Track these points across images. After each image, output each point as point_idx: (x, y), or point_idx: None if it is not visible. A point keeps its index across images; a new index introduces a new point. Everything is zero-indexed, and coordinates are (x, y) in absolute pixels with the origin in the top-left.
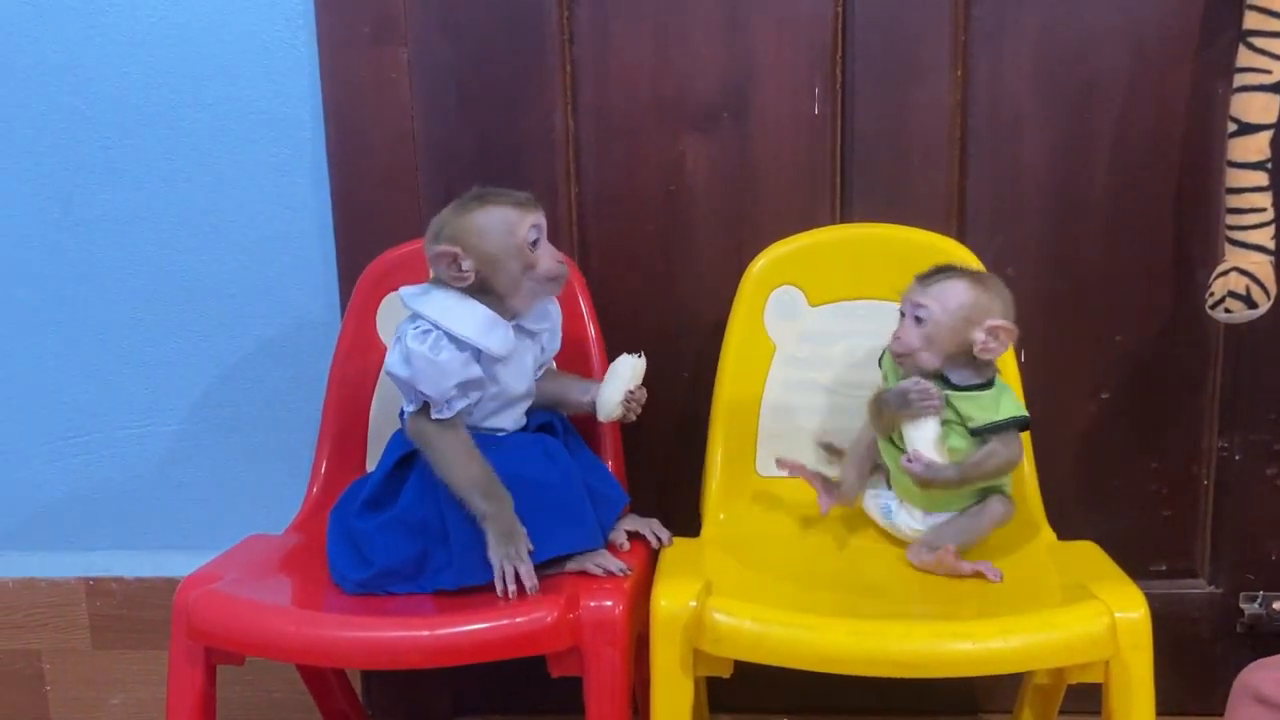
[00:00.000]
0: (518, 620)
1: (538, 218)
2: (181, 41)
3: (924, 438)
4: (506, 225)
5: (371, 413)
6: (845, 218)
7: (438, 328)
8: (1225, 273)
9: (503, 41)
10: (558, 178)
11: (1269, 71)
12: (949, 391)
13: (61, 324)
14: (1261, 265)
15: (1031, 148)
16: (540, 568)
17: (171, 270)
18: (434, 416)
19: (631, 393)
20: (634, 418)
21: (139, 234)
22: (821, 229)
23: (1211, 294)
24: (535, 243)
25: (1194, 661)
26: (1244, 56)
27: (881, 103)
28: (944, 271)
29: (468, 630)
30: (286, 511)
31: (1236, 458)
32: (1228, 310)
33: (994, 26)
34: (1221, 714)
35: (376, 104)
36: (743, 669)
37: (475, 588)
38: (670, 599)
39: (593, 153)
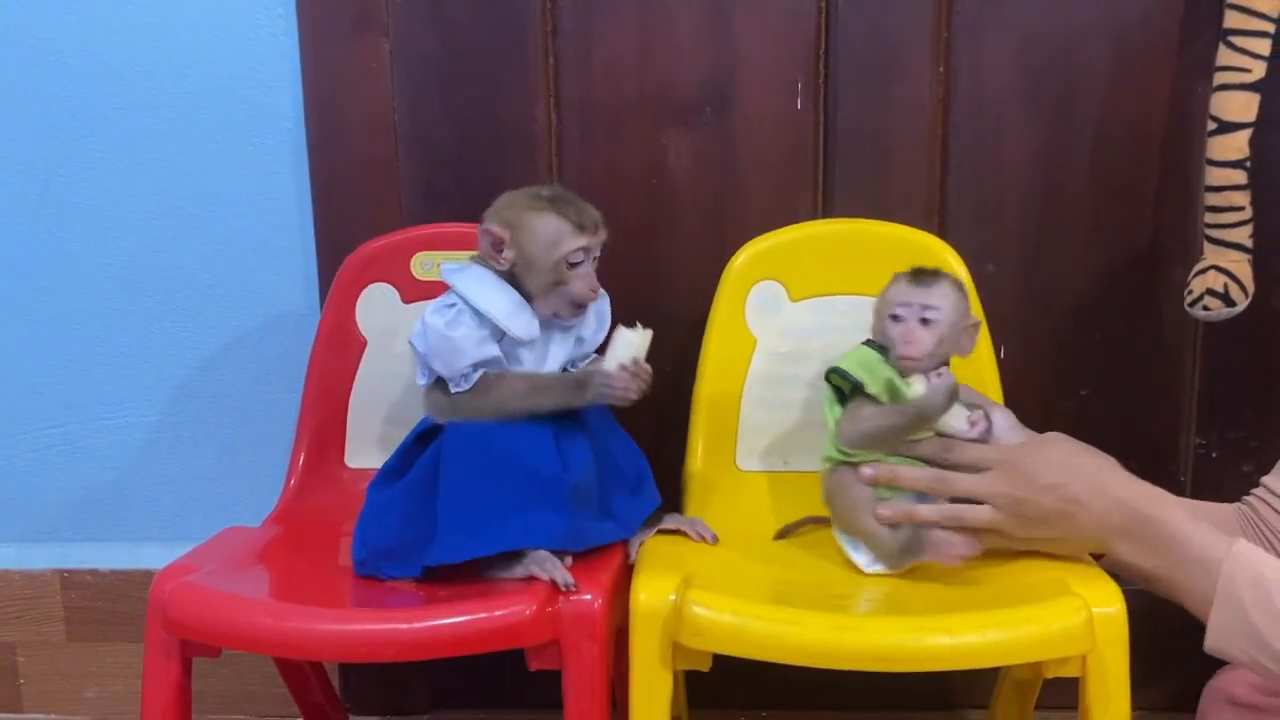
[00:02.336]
0: (496, 613)
1: (590, 241)
2: (161, 29)
3: (960, 413)
4: (555, 237)
5: (351, 405)
6: (827, 213)
7: (464, 301)
8: (1204, 271)
9: (485, 32)
10: (540, 170)
11: (1248, 70)
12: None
13: (37, 313)
14: (1240, 263)
15: (1012, 145)
16: (500, 559)
17: (150, 259)
18: (452, 390)
19: (624, 367)
20: (634, 396)
21: (116, 223)
22: (803, 224)
23: (1190, 292)
24: (576, 265)
25: (1168, 659)
26: (1224, 55)
27: (864, 99)
28: (935, 272)
29: (446, 623)
30: (265, 504)
31: (1214, 455)
32: (1206, 308)
33: (976, 24)
34: (1193, 711)
35: (358, 94)
36: (721, 665)
37: (458, 575)
38: (650, 592)
39: (575, 146)
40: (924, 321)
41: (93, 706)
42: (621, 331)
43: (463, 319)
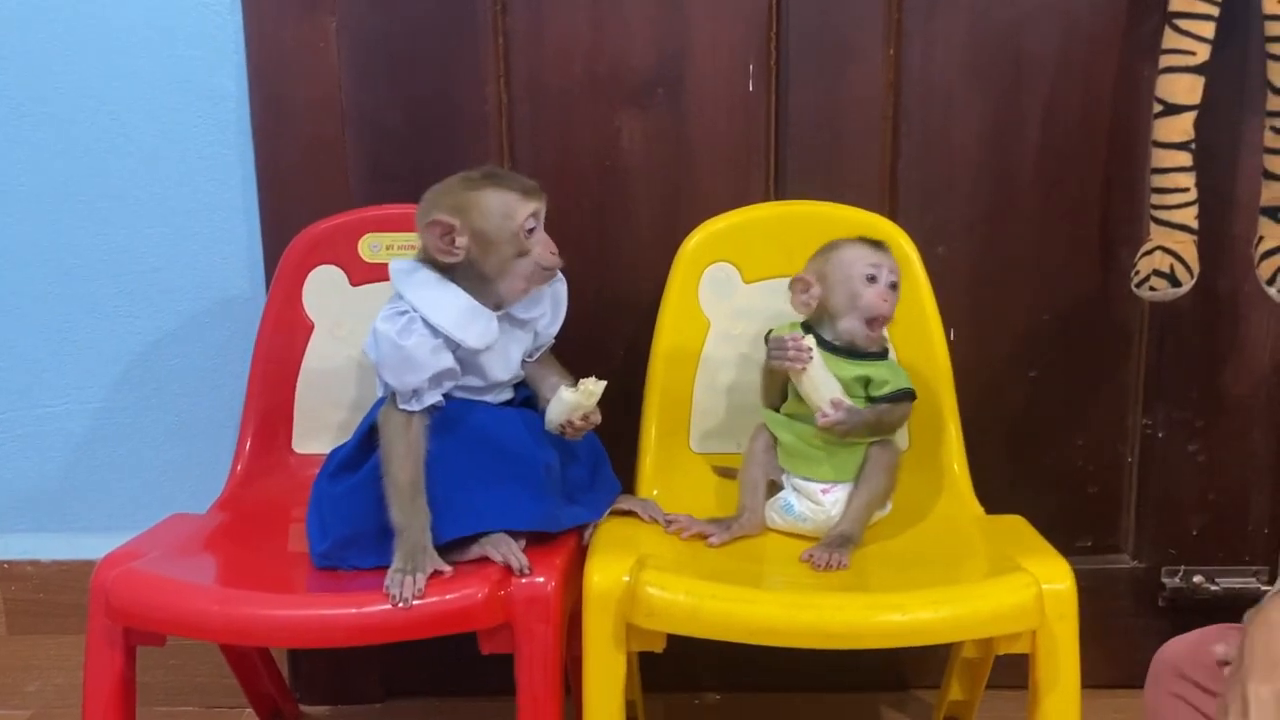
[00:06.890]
0: (448, 597)
1: (538, 206)
2: (102, 6)
3: (833, 389)
4: (507, 209)
5: (297, 390)
6: (779, 195)
7: (415, 310)
8: (1150, 251)
9: (434, 11)
10: (490, 152)
11: (1193, 53)
12: (854, 359)
13: None
14: (1185, 244)
15: (962, 127)
16: (456, 541)
17: (91, 243)
18: (400, 407)
19: (571, 422)
20: (578, 438)
21: (57, 206)
22: (755, 206)
23: (1137, 272)
24: (531, 231)
25: (1117, 635)
26: (1169, 38)
27: (815, 81)
28: (877, 240)
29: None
30: (211, 491)
31: (1160, 435)
32: (1152, 288)
33: (927, 6)
34: (1142, 687)
35: (303, 74)
36: (676, 648)
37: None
38: (603, 574)
39: (525, 127)
40: (893, 286)
41: (35, 700)
42: (569, 391)
43: (414, 327)
